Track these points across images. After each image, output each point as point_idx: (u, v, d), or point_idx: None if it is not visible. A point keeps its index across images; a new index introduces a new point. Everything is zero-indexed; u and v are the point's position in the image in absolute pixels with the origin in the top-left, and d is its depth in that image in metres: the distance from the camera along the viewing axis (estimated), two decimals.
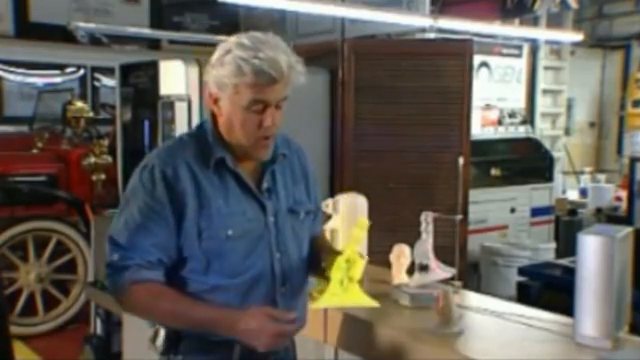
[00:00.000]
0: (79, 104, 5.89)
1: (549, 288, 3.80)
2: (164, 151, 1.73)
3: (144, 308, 1.68)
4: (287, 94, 1.68)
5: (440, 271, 2.27)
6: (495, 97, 7.18)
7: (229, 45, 1.64)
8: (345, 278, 1.68)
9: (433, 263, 2.25)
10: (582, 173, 7.80)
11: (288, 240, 1.77)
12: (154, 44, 8.71)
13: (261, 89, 1.61)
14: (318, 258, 1.82)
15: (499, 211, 5.92)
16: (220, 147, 1.70)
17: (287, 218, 1.78)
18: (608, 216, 6.21)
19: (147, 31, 8.48)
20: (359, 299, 1.72)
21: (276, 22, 8.24)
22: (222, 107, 1.67)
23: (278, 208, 1.76)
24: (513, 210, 6.04)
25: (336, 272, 1.69)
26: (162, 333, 1.74)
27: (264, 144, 1.70)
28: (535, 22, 7.42)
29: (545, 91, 7.98)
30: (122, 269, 1.65)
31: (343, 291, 1.67)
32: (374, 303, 1.75)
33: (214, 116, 1.72)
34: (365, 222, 1.73)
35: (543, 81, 7.91)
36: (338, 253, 1.72)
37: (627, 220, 4.94)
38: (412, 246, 2.32)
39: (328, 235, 2.49)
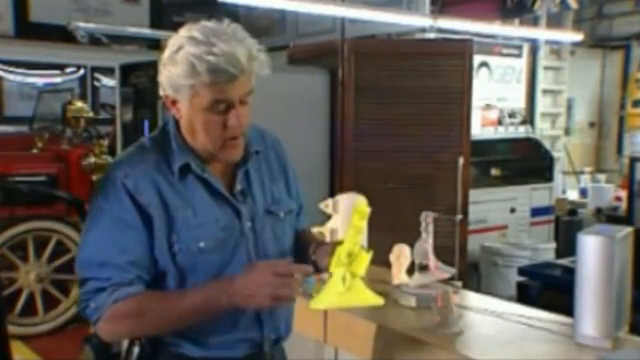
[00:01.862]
0: (79, 104, 5.90)
1: (549, 288, 3.79)
2: (124, 161, 1.57)
3: (133, 322, 1.50)
4: (252, 87, 1.51)
5: (440, 271, 2.27)
6: (495, 97, 7.17)
7: (180, 40, 1.48)
8: (347, 274, 1.47)
9: (433, 263, 2.25)
10: (582, 173, 7.79)
11: (268, 245, 1.62)
12: (154, 44, 8.70)
13: (221, 88, 1.45)
14: (304, 250, 1.69)
15: (499, 211, 5.92)
16: (184, 151, 1.55)
17: (265, 220, 1.63)
18: (608, 216, 6.21)
19: (147, 31, 8.50)
20: (364, 298, 1.51)
21: (276, 22, 8.25)
22: (181, 109, 1.52)
23: (255, 211, 1.61)
24: (513, 210, 6.04)
25: (337, 267, 1.48)
26: (136, 350, 1.61)
27: (232, 144, 1.54)
28: (535, 22, 7.42)
29: (545, 91, 7.97)
30: (98, 291, 1.48)
31: (346, 289, 1.46)
32: (379, 300, 1.55)
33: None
34: (365, 209, 1.49)
35: (543, 81, 7.90)
36: (337, 244, 1.53)
37: (627, 220, 4.93)
38: (412, 246, 2.31)
39: (328, 235, 2.49)
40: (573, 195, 7.21)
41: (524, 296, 3.92)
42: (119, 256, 1.49)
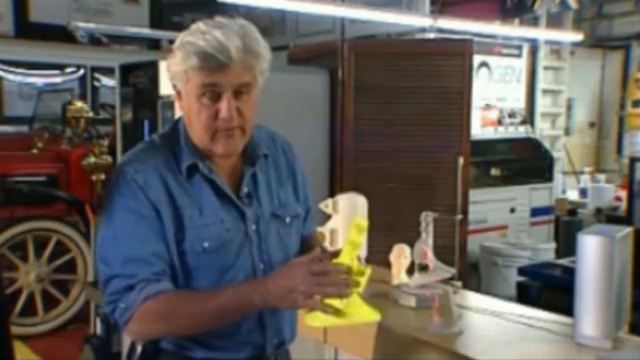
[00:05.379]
0: (79, 104, 5.89)
1: (549, 288, 3.80)
2: (134, 157, 1.57)
3: (164, 322, 1.47)
4: (249, 81, 1.49)
5: (440, 271, 2.27)
6: (495, 97, 7.17)
7: (185, 32, 1.50)
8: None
9: (432, 263, 2.25)
10: (582, 173, 7.79)
11: (272, 248, 1.60)
12: (154, 44, 8.71)
13: (210, 73, 1.44)
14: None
15: (499, 211, 5.92)
16: (191, 151, 1.55)
17: (271, 224, 1.61)
18: (608, 216, 6.21)
19: (147, 31, 8.50)
20: (362, 314, 1.47)
21: (276, 22, 8.25)
22: (183, 100, 1.53)
23: (260, 214, 1.60)
24: (513, 210, 6.04)
25: None
26: (137, 350, 1.59)
27: (225, 135, 1.50)
28: (535, 22, 7.42)
29: (545, 91, 7.98)
30: (126, 290, 1.46)
31: (344, 306, 1.42)
32: (377, 316, 1.50)
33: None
34: (363, 223, 1.45)
35: (543, 81, 7.91)
36: (334, 255, 1.47)
37: (627, 220, 4.93)
38: (412, 246, 2.31)
39: (328, 235, 2.49)
40: (573, 195, 7.21)
41: (524, 296, 3.92)
42: (142, 248, 1.47)
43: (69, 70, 7.54)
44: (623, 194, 6.09)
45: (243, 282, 1.50)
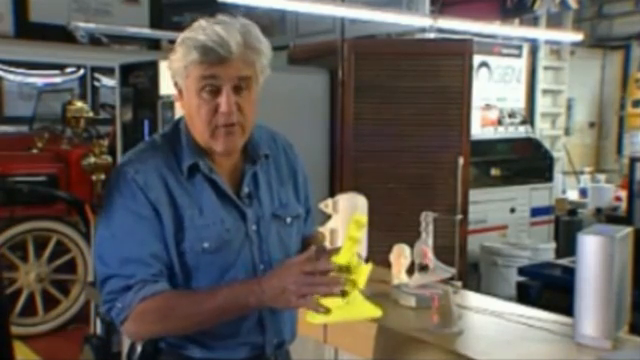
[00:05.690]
0: (79, 104, 5.89)
1: (549, 288, 3.80)
2: (134, 157, 1.56)
3: (161, 322, 1.48)
4: (250, 74, 1.50)
5: (440, 271, 2.27)
6: (495, 97, 7.17)
7: (187, 30, 1.51)
8: (347, 287, 1.43)
9: (432, 263, 2.25)
10: (582, 173, 7.79)
11: (273, 249, 1.60)
12: (154, 44, 8.71)
13: (209, 67, 1.45)
14: None
15: (499, 211, 5.92)
16: (193, 150, 1.55)
17: (271, 224, 1.61)
18: (608, 216, 6.21)
19: (147, 31, 8.49)
20: (363, 310, 1.48)
21: (276, 22, 8.24)
22: (184, 98, 1.53)
23: (260, 214, 1.59)
24: (513, 210, 6.04)
25: None
26: (139, 348, 1.60)
27: (224, 132, 1.50)
28: (535, 22, 7.42)
29: (545, 91, 7.98)
30: (123, 290, 1.46)
31: (346, 303, 1.43)
32: (378, 312, 1.51)
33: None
34: (362, 219, 1.44)
35: (543, 81, 7.91)
36: (335, 252, 1.46)
37: (627, 220, 4.94)
38: (412, 246, 2.31)
39: (328, 235, 2.49)
40: (573, 195, 7.22)
41: (524, 296, 3.92)
42: (140, 249, 1.48)
43: (69, 70, 7.54)
44: (623, 194, 6.09)
45: (239, 281, 1.50)
